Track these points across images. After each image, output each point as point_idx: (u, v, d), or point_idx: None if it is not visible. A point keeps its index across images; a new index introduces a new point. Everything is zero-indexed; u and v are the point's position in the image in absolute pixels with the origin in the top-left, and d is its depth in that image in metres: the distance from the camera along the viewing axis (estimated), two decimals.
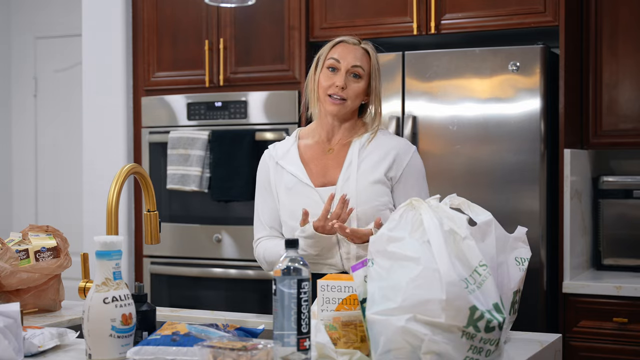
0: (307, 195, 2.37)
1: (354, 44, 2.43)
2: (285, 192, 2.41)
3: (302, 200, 2.36)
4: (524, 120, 3.30)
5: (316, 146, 2.46)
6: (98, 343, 1.78)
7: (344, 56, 2.40)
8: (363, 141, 2.42)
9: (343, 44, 2.43)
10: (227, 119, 3.91)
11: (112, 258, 1.81)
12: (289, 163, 2.43)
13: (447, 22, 3.51)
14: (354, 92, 2.39)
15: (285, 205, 2.41)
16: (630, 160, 3.73)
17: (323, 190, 2.37)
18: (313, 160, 2.44)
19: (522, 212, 3.28)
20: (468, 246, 1.72)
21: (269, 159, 2.50)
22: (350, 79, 2.39)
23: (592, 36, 3.48)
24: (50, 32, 5.31)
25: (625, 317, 3.19)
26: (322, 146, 2.46)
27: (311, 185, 2.38)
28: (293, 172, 2.41)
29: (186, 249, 4.00)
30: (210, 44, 3.95)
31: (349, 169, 2.37)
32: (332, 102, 2.39)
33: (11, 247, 2.36)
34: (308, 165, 2.43)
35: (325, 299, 1.82)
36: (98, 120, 4.21)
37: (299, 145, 2.48)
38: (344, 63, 2.39)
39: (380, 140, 2.43)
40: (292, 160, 2.43)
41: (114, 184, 2.19)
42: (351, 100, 2.40)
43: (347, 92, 2.38)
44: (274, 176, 2.45)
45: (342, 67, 2.39)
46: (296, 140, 2.49)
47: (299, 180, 2.40)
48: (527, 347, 1.94)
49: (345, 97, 2.38)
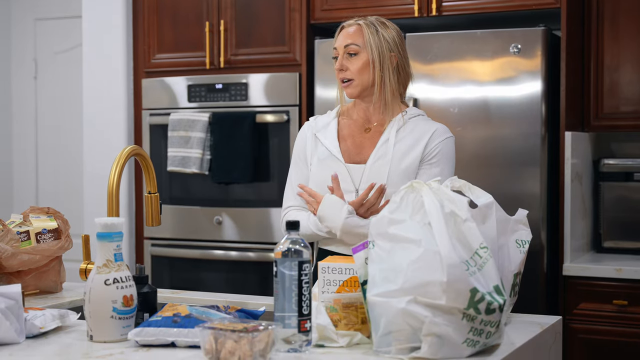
0: (336, 170, 2.40)
1: (350, 25, 2.46)
2: (316, 164, 2.45)
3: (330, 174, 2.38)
4: (525, 103, 3.29)
5: (354, 124, 2.50)
6: (99, 324, 1.79)
7: (340, 41, 2.44)
8: (401, 122, 2.43)
9: (342, 29, 2.47)
10: (227, 101, 3.90)
11: (113, 240, 1.81)
12: (326, 137, 2.48)
13: (448, 4, 3.50)
14: (355, 68, 2.41)
15: (315, 176, 2.45)
16: (631, 142, 3.72)
17: (352, 167, 2.41)
18: (350, 137, 2.48)
19: (523, 194, 3.28)
20: (469, 228, 1.72)
21: (307, 129, 2.54)
22: (347, 59, 2.42)
23: (594, 18, 3.47)
24: (50, 13, 5.29)
25: (625, 300, 3.20)
26: (360, 125, 2.49)
27: (342, 160, 2.42)
28: (327, 145, 2.45)
29: (187, 231, 4.01)
30: (211, 26, 3.93)
31: (381, 148, 2.40)
32: (343, 86, 2.44)
33: (12, 229, 2.36)
34: (345, 141, 2.47)
35: (326, 281, 1.82)
36: (98, 102, 4.20)
37: (339, 121, 2.52)
38: (339, 48, 2.44)
39: (419, 126, 2.44)
40: (329, 134, 2.48)
41: (115, 166, 2.19)
42: (357, 77, 2.41)
43: (349, 72, 2.41)
44: (310, 147, 2.49)
45: (339, 52, 2.44)
46: (337, 116, 2.53)
47: (331, 153, 2.44)
48: (527, 329, 1.94)
49: (350, 77, 2.42)
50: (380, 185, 2.30)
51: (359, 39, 2.42)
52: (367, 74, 2.42)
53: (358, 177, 2.39)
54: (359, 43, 2.42)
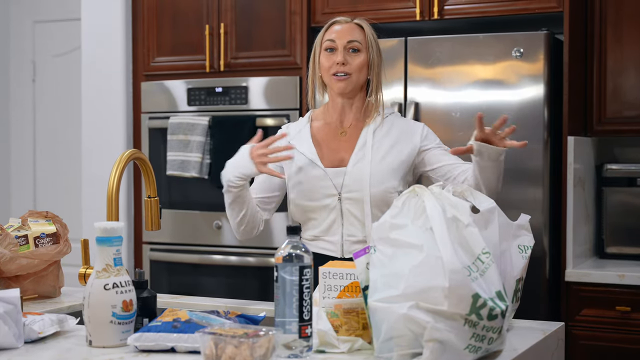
0: (316, 176, 2.41)
1: (347, 22, 2.48)
2: (296, 172, 2.45)
3: (312, 181, 2.41)
4: (527, 107, 3.28)
5: (328, 128, 2.50)
6: (99, 329, 1.78)
7: (339, 35, 2.44)
8: (377, 124, 2.45)
9: (336, 24, 2.48)
10: (227, 105, 3.89)
11: (112, 244, 1.80)
12: (301, 143, 2.47)
13: (450, 8, 3.49)
14: (356, 65, 2.42)
15: (295, 184, 2.44)
16: (634, 147, 3.71)
17: (332, 171, 2.41)
18: (325, 142, 2.48)
19: (525, 199, 3.26)
20: (471, 233, 1.72)
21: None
22: (349, 54, 2.43)
23: (597, 22, 3.46)
24: (49, 16, 5.28)
25: (628, 306, 3.18)
26: (334, 128, 2.49)
27: (321, 166, 2.42)
28: (304, 152, 2.45)
29: (186, 236, 3.99)
30: (211, 29, 3.92)
31: (361, 150, 2.41)
32: (337, 79, 2.42)
33: (10, 233, 2.35)
34: (320, 147, 2.47)
35: (327, 286, 1.81)
36: (97, 105, 4.19)
37: (312, 126, 2.52)
38: (339, 42, 2.43)
39: (395, 124, 2.47)
40: (304, 141, 2.47)
41: (115, 170, 2.18)
42: (355, 73, 2.42)
43: (349, 67, 2.42)
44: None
45: (338, 45, 2.43)
46: (309, 122, 2.53)
47: (310, 160, 2.43)
48: (530, 336, 1.94)
49: (349, 72, 2.42)
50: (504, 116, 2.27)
51: (361, 37, 2.44)
52: (364, 73, 2.45)
53: (339, 181, 2.39)
54: (361, 41, 2.44)
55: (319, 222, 2.42)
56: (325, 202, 2.39)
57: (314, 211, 2.42)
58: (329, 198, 2.39)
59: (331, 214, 2.40)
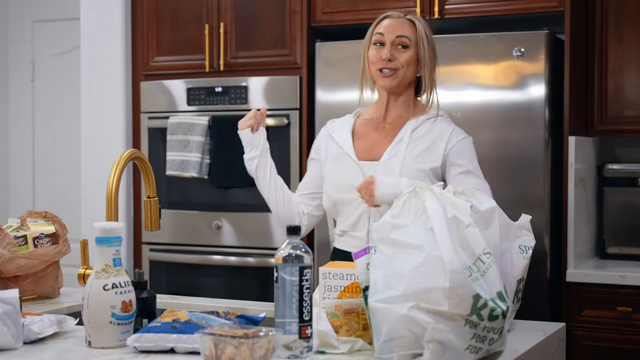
0: (349, 168, 2.42)
1: (399, 17, 2.47)
2: (330, 163, 2.48)
3: (343, 172, 2.43)
4: (528, 107, 3.27)
5: (371, 123, 2.51)
6: (98, 330, 1.78)
7: (388, 30, 2.43)
8: (419, 122, 2.44)
9: (388, 18, 2.47)
10: (227, 105, 3.88)
11: (112, 244, 1.80)
12: (340, 136, 2.50)
13: (451, 7, 3.48)
14: (403, 60, 2.41)
15: (330, 175, 2.47)
16: (635, 147, 3.71)
17: (365, 164, 2.41)
18: (365, 135, 2.49)
19: (526, 199, 3.26)
20: (471, 234, 1.71)
21: (324, 131, 2.59)
22: (397, 49, 2.42)
23: (598, 22, 3.46)
24: (48, 15, 5.27)
25: (629, 306, 3.18)
26: (377, 122, 2.50)
27: (354, 158, 2.43)
28: (341, 143, 2.48)
29: (185, 236, 3.99)
30: (211, 28, 3.91)
31: (396, 146, 2.40)
32: (383, 76, 2.42)
33: (9, 233, 2.35)
34: (359, 140, 2.48)
35: (327, 287, 1.81)
36: (96, 105, 4.18)
37: (356, 121, 2.54)
38: (388, 36, 2.42)
39: (437, 126, 2.44)
40: (343, 134, 2.50)
41: (114, 170, 2.17)
42: (401, 69, 2.42)
43: (396, 63, 2.41)
44: (325, 147, 2.53)
45: (386, 40, 2.42)
46: (355, 117, 2.55)
47: (344, 152, 2.45)
48: (531, 336, 1.93)
49: (395, 67, 2.41)
50: None
51: (412, 33, 2.43)
52: (412, 69, 2.44)
53: (371, 174, 2.38)
54: (411, 37, 2.42)
55: (347, 215, 2.43)
56: (354, 195, 2.37)
57: (343, 204, 2.42)
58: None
59: (359, 208, 2.40)
